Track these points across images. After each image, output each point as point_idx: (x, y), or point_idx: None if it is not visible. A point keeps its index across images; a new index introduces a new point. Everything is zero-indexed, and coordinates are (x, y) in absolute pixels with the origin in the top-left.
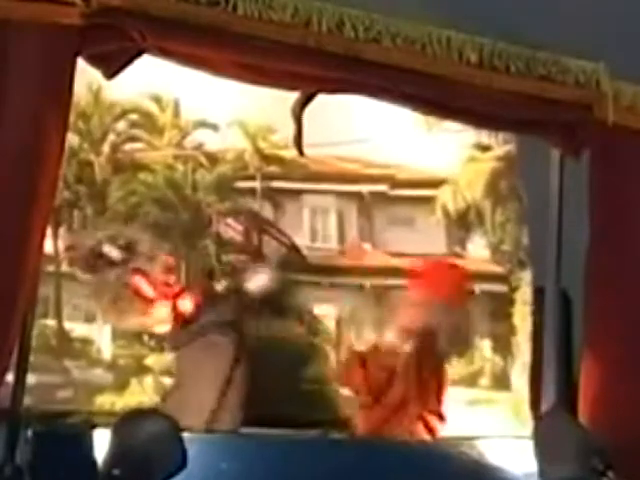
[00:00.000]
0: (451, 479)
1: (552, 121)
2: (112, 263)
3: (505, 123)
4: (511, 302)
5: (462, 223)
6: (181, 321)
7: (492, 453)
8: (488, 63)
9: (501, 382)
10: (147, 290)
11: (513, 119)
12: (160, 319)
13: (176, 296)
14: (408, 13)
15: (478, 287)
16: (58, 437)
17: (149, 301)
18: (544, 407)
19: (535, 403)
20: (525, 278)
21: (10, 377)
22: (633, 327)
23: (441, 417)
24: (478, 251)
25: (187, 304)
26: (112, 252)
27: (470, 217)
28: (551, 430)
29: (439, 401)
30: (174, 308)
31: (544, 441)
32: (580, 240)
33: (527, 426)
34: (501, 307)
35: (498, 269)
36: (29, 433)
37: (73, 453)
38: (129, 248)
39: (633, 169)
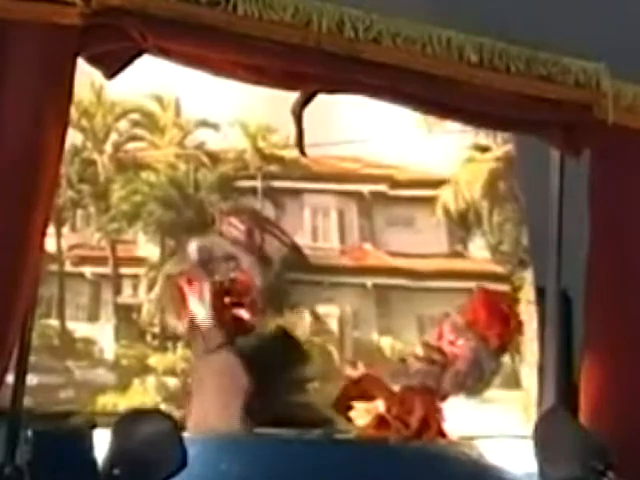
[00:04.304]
0: (452, 479)
1: (552, 121)
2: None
3: (505, 123)
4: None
5: (463, 223)
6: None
7: (492, 453)
8: (488, 63)
9: (510, 380)
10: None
11: (513, 119)
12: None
13: None
14: (408, 13)
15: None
16: (58, 437)
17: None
18: (544, 407)
19: (542, 402)
20: (527, 277)
21: (10, 377)
22: (633, 327)
23: None
24: (478, 251)
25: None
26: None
27: (470, 217)
28: (551, 430)
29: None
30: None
31: (544, 441)
32: (580, 240)
33: None
34: None
35: (499, 269)
36: (29, 433)
37: (73, 453)
38: (210, 254)
39: (633, 169)
